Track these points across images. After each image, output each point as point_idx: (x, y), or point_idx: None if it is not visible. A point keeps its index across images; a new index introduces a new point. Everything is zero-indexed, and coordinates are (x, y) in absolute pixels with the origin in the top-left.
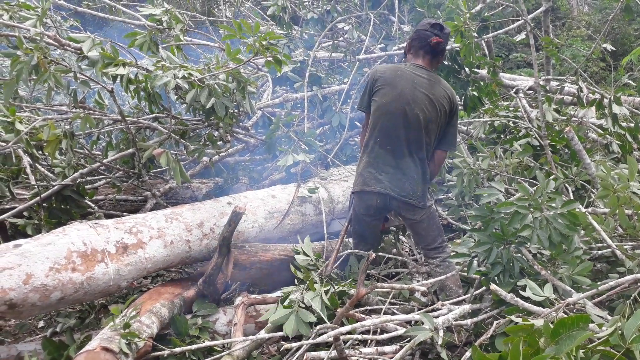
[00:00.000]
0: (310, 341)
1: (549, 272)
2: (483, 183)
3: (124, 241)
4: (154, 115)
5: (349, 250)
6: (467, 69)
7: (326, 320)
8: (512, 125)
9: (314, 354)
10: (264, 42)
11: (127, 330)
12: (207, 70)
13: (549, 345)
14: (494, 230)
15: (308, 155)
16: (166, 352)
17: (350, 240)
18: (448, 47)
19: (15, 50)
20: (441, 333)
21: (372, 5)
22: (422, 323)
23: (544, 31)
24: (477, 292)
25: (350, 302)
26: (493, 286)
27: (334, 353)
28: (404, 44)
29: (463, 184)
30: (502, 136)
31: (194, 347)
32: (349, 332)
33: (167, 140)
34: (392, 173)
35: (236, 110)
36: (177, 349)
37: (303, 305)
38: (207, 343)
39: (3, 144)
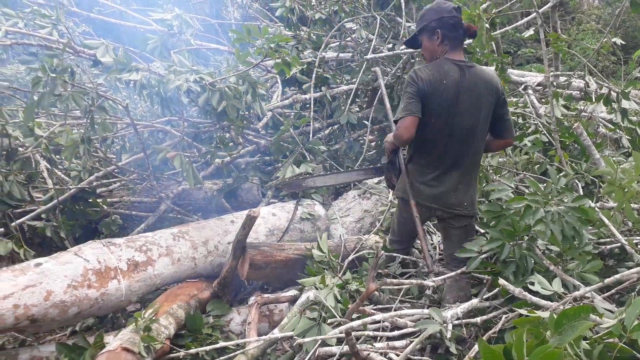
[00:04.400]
0: (322, 336)
1: (559, 267)
2: (493, 180)
3: (134, 259)
4: (167, 118)
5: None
6: None
7: (337, 315)
8: (521, 121)
9: (326, 349)
10: (273, 45)
11: (146, 333)
12: (218, 74)
13: (553, 336)
14: (506, 227)
15: (308, 165)
16: (182, 353)
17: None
18: None
19: (29, 57)
20: (450, 326)
21: (379, 6)
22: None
23: (551, 27)
24: (491, 293)
25: (360, 297)
26: (502, 281)
27: (345, 348)
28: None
29: None
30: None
31: (208, 347)
32: (360, 327)
33: (180, 142)
34: (436, 186)
35: (247, 112)
36: (193, 350)
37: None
38: (222, 343)
39: (21, 149)
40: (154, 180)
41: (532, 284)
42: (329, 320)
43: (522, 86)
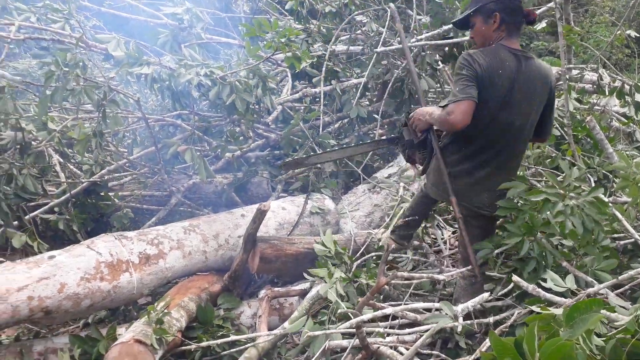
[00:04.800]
0: (332, 331)
1: (574, 262)
2: None
3: (146, 252)
4: (177, 112)
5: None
6: None
7: (343, 307)
8: None
9: (336, 342)
10: (283, 39)
11: (158, 326)
12: (229, 68)
13: (564, 330)
14: (524, 222)
15: None
16: (193, 346)
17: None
18: (467, 38)
19: (42, 52)
20: (460, 320)
21: None
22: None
23: (564, 19)
24: (505, 290)
25: (371, 291)
26: (515, 278)
27: (356, 341)
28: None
29: None
30: None
31: (219, 341)
32: (371, 320)
33: (191, 136)
34: (471, 183)
35: (257, 106)
36: (204, 343)
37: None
38: (233, 337)
39: (34, 143)
40: (164, 174)
41: (545, 280)
42: (340, 310)
43: None
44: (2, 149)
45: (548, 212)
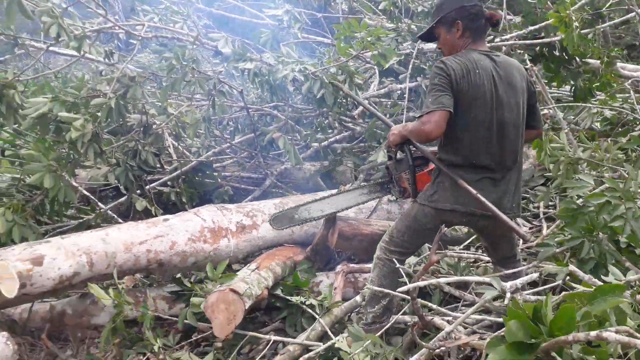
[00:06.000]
0: (396, 292)
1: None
2: (573, 176)
3: (242, 222)
4: (274, 104)
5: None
6: (578, 59)
7: (407, 282)
8: (627, 117)
9: (398, 316)
10: (370, 38)
11: (249, 285)
12: (320, 64)
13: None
14: (583, 224)
15: None
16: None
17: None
18: (557, 38)
19: (161, 47)
20: (509, 295)
21: None
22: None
23: None
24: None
25: (424, 267)
26: (571, 267)
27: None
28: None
29: (559, 172)
30: (617, 128)
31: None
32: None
33: (285, 126)
34: (489, 188)
35: (344, 100)
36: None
37: None
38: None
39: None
40: (261, 159)
41: (606, 274)
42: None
43: (630, 81)
44: (129, 129)
45: (607, 215)
